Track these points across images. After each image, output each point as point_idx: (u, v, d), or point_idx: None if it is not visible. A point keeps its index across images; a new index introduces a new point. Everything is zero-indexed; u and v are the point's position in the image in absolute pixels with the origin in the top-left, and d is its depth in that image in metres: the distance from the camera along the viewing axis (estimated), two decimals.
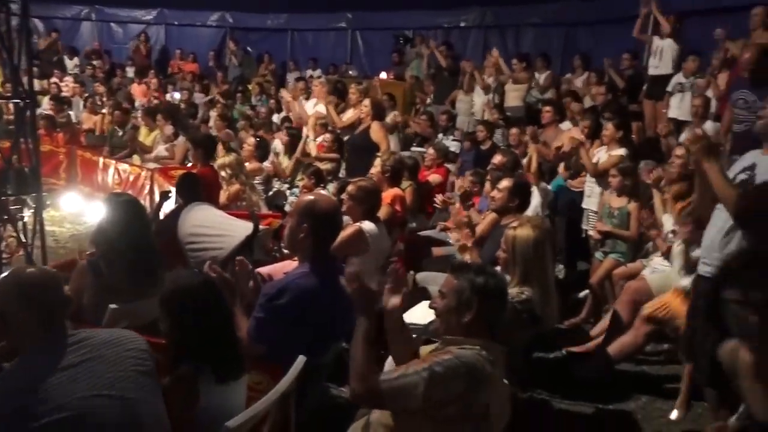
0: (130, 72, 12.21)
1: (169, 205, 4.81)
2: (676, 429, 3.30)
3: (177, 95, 10.52)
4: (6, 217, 4.40)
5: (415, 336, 2.60)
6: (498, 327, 2.05)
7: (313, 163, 6.48)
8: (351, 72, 11.08)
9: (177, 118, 8.40)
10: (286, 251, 3.96)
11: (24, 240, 4.46)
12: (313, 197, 2.74)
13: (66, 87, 10.81)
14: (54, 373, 1.76)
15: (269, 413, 2.18)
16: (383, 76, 10.20)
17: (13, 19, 4.47)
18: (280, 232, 4.30)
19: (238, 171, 5.48)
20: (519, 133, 6.26)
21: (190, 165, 6.72)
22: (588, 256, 5.03)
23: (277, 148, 7.32)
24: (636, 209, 4.50)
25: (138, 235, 3.14)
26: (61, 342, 1.84)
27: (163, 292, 2.24)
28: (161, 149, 7.78)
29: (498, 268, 3.01)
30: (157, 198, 5.71)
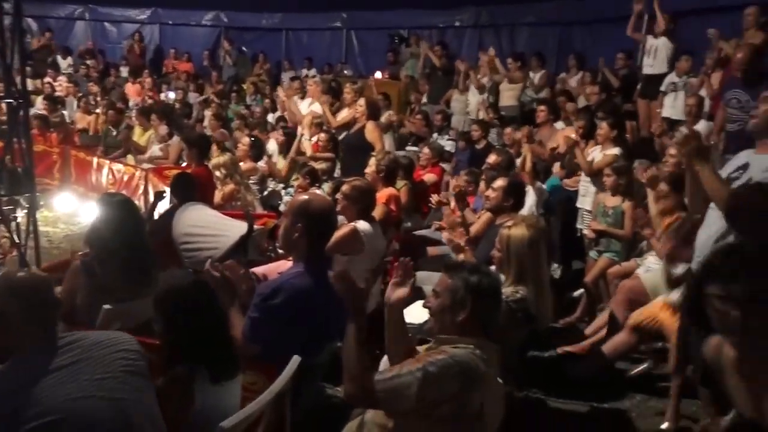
0: (125, 71, 12.17)
1: (164, 205, 4.79)
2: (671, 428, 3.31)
3: (172, 95, 10.49)
4: None
5: (410, 336, 2.60)
6: (492, 326, 2.06)
7: (308, 163, 6.48)
8: (346, 71, 11.08)
9: (171, 117, 8.38)
10: (280, 251, 3.96)
11: (17, 241, 4.44)
12: (307, 197, 2.73)
13: (60, 87, 10.77)
14: (44, 376, 1.75)
15: (264, 413, 2.18)
16: (378, 75, 10.21)
17: (6, 18, 4.45)
18: (274, 231, 4.29)
19: (232, 171, 5.47)
20: (512, 131, 6.28)
21: (184, 165, 6.70)
22: (583, 255, 5.04)
23: (270, 149, 7.30)
24: (630, 208, 4.51)
25: (132, 234, 3.14)
26: (52, 344, 1.83)
27: (157, 292, 2.24)
28: (155, 149, 7.75)
29: (493, 268, 3.02)
30: (151, 198, 5.69)
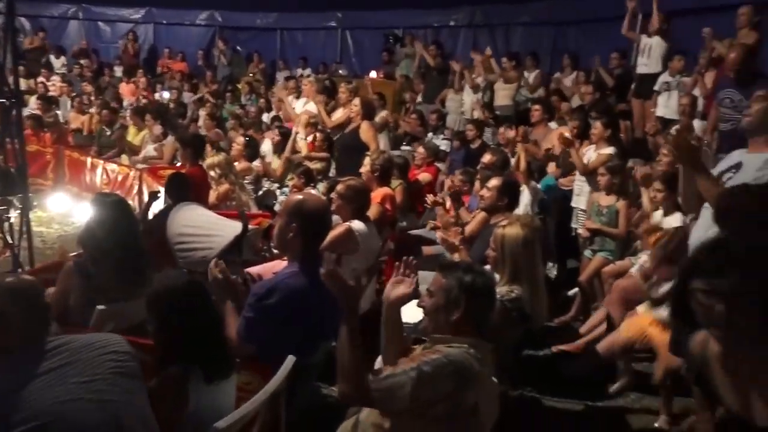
0: (119, 71, 12.12)
1: (158, 205, 4.78)
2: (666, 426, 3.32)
3: (166, 94, 10.45)
4: None
5: (404, 335, 2.59)
6: (486, 325, 2.06)
7: (303, 163, 6.47)
8: (341, 71, 11.06)
9: (166, 117, 8.36)
10: (275, 251, 3.95)
11: (11, 241, 4.42)
12: (302, 197, 2.73)
13: (53, 86, 10.73)
14: (32, 380, 1.74)
15: (259, 413, 2.17)
16: (373, 75, 10.20)
17: None
18: (269, 231, 4.29)
19: (227, 171, 5.46)
20: (507, 130, 6.28)
21: (178, 165, 6.68)
22: (577, 255, 5.05)
23: (265, 149, 7.29)
24: (624, 207, 4.53)
25: (125, 234, 3.12)
26: (41, 348, 1.82)
27: (150, 292, 2.23)
28: (150, 149, 7.73)
29: (487, 267, 3.03)
30: (145, 198, 5.67)
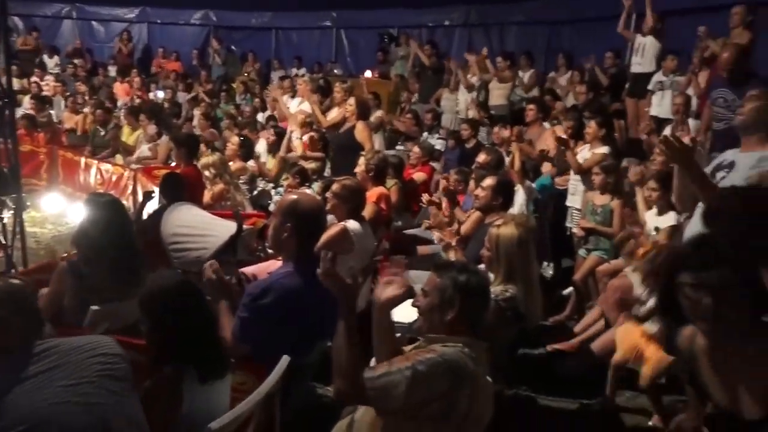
0: (113, 71, 12.06)
1: (153, 205, 4.77)
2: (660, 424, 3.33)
3: (160, 94, 10.41)
4: None
5: (399, 335, 2.59)
6: (480, 324, 2.06)
7: (297, 163, 6.45)
8: (336, 71, 11.05)
9: (160, 117, 8.33)
10: (270, 251, 3.95)
11: (4, 242, 4.40)
12: (296, 196, 2.73)
13: (47, 86, 10.67)
14: (19, 384, 1.73)
15: (254, 414, 2.17)
16: (368, 74, 10.19)
17: None
18: (264, 231, 4.28)
19: (222, 170, 5.45)
20: (501, 130, 6.29)
21: (173, 165, 6.66)
22: (572, 254, 5.06)
23: (259, 149, 7.27)
24: (619, 207, 4.54)
25: (119, 234, 3.12)
26: (30, 351, 1.81)
27: (144, 292, 2.22)
28: (144, 149, 7.70)
29: (482, 267, 3.03)
30: (140, 198, 5.65)
